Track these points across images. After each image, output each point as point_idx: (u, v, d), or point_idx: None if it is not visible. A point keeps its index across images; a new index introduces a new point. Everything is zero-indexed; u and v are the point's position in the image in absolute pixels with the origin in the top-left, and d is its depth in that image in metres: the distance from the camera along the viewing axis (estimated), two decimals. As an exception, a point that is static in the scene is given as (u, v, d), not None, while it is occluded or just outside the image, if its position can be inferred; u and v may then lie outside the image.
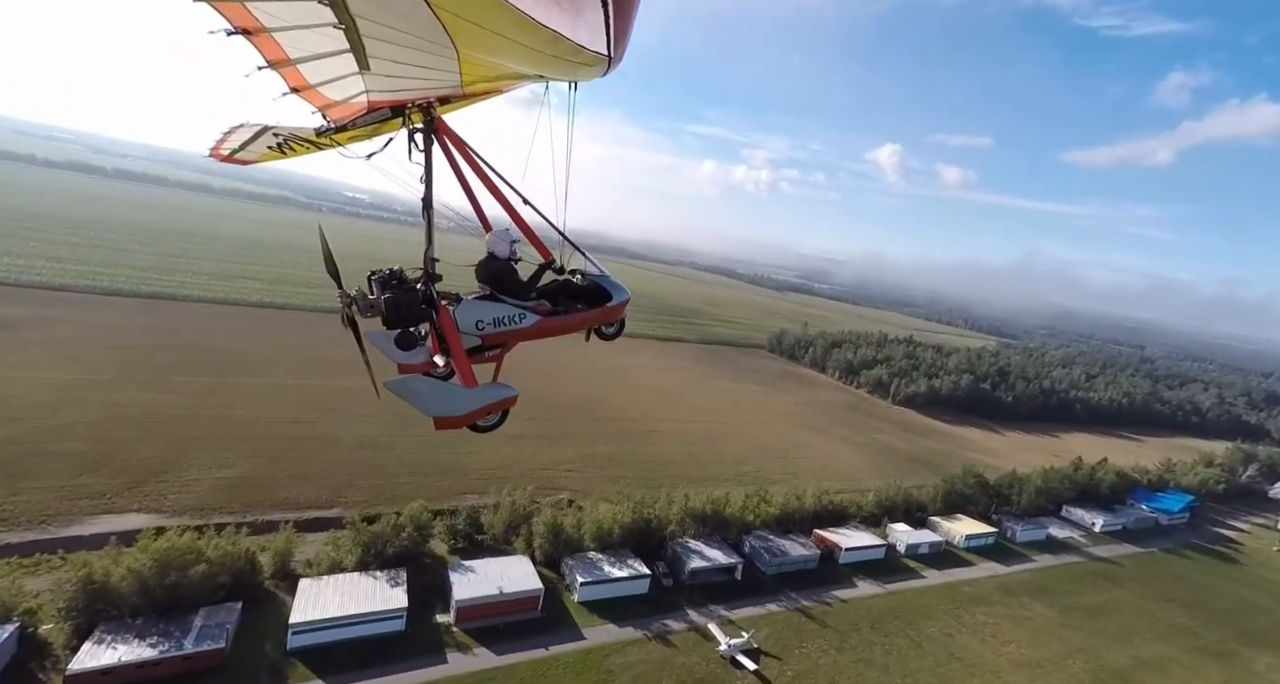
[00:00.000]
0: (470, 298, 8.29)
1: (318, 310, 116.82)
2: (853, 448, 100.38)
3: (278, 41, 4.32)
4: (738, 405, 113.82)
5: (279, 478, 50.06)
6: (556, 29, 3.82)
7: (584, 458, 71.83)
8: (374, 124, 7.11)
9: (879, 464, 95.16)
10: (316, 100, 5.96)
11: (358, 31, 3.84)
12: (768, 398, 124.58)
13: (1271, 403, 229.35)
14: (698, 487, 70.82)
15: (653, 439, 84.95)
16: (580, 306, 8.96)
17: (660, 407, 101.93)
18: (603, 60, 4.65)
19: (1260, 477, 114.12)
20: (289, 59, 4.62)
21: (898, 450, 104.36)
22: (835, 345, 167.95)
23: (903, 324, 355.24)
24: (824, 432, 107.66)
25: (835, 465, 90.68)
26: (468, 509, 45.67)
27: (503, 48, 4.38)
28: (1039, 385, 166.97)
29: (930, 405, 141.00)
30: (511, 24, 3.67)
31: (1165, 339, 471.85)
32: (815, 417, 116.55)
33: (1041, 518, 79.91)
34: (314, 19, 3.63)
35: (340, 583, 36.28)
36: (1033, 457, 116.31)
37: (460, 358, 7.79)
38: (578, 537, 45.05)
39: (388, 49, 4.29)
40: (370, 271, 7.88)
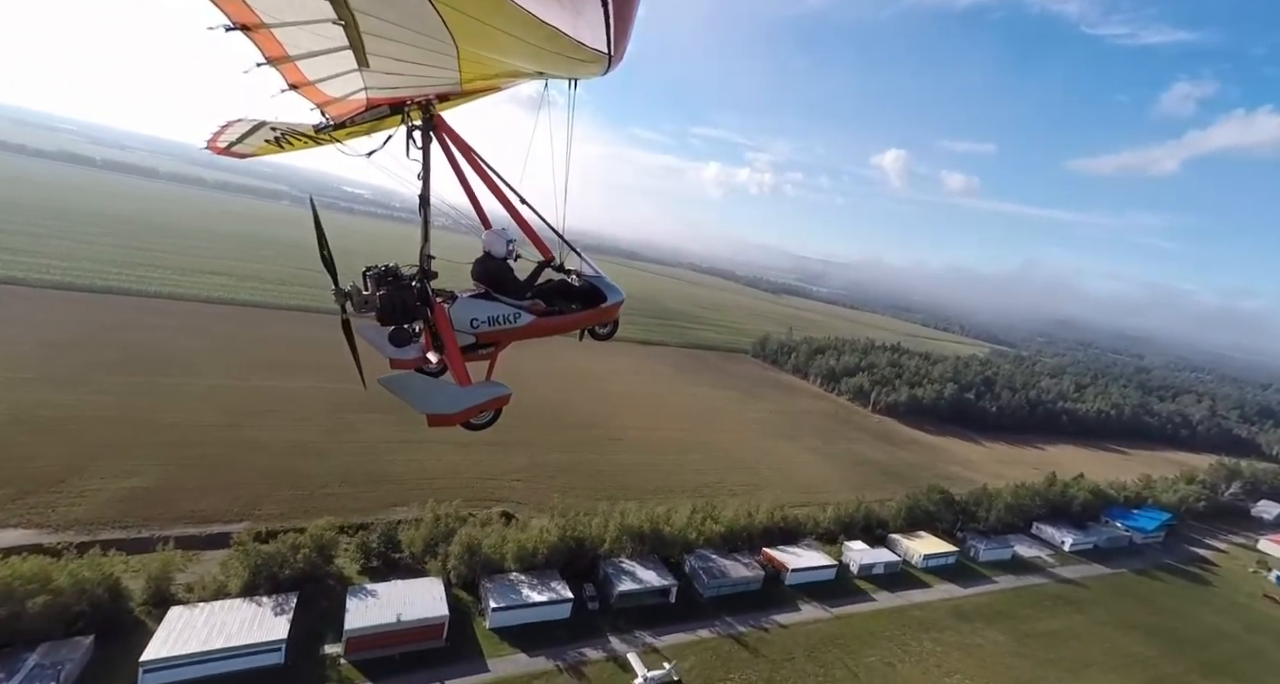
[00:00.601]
0: (466, 296, 8.28)
1: (280, 308, 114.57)
2: (824, 459, 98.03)
3: (277, 38, 4.30)
4: (711, 413, 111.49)
5: (189, 488, 47.62)
6: (557, 25, 3.82)
7: (535, 467, 69.43)
8: (373, 121, 7.07)
9: (849, 476, 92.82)
10: (315, 97, 5.98)
11: (357, 28, 3.87)
12: (743, 405, 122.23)
13: (1264, 416, 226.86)
14: (653, 498, 68.63)
15: (613, 448, 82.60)
16: (575, 307, 9.00)
17: (628, 413, 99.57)
18: (603, 58, 4.62)
19: (1243, 494, 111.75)
20: (288, 55, 4.61)
21: (871, 462, 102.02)
22: (819, 351, 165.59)
23: (898, 329, 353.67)
24: (796, 441, 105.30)
25: (803, 477, 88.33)
26: (383, 525, 43.21)
27: (503, 44, 4.40)
28: (1025, 396, 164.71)
29: (912, 414, 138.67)
30: (512, 20, 3.69)
31: (1166, 348, 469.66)
32: (790, 425, 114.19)
33: (1010, 536, 77.57)
34: (313, 15, 3.69)
35: (217, 611, 33.45)
36: (1011, 470, 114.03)
37: (454, 356, 7.77)
38: (498, 557, 42.58)
39: (387, 46, 4.30)
40: (366, 268, 7.82)
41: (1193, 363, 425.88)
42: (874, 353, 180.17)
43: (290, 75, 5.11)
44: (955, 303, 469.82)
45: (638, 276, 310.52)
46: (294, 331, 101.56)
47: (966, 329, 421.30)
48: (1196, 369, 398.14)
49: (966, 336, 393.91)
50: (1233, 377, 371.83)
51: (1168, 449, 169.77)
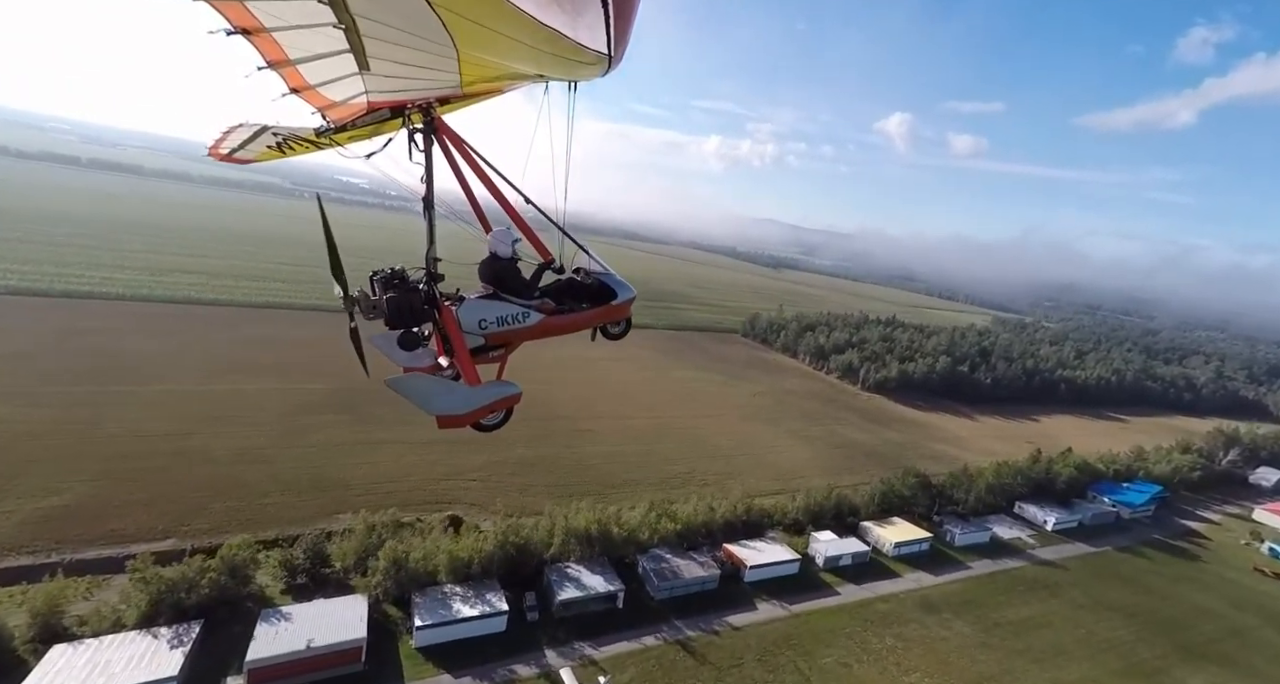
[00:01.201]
0: (473, 297, 8.28)
1: (253, 306, 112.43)
2: (804, 442, 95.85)
3: (277, 41, 4.31)
4: (690, 398, 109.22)
5: (116, 504, 46.19)
6: (557, 28, 3.85)
7: (495, 464, 67.74)
8: (374, 124, 7.06)
9: (830, 460, 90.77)
10: (316, 101, 6.02)
11: (358, 31, 3.90)
12: (726, 388, 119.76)
13: (1273, 376, 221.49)
14: (617, 493, 67.09)
15: (583, 440, 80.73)
16: (585, 305, 8.96)
17: (604, 402, 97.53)
18: (603, 59, 4.66)
19: (1241, 461, 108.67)
20: (289, 59, 4.63)
21: (855, 443, 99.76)
22: (808, 328, 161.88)
23: (899, 301, 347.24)
24: (777, 424, 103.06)
25: (780, 463, 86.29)
26: (311, 538, 41.60)
27: (503, 47, 4.44)
28: (1021, 365, 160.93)
29: (903, 390, 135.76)
30: (512, 22, 3.71)
31: (1177, 309, 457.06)
32: (773, 408, 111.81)
33: (991, 517, 75.54)
34: (314, 19, 3.68)
35: (104, 647, 31.43)
36: (1002, 445, 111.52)
37: (463, 357, 7.80)
38: (429, 570, 40.93)
39: (388, 49, 4.34)
40: (372, 271, 7.86)
41: (1206, 322, 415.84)
42: (867, 327, 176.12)
43: (291, 79, 5.15)
44: (958, 271, 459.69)
45: (632, 257, 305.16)
46: (265, 331, 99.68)
47: (971, 298, 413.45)
48: (1211, 328, 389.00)
49: (971, 305, 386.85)
50: (1246, 335, 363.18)
51: (1171, 414, 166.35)
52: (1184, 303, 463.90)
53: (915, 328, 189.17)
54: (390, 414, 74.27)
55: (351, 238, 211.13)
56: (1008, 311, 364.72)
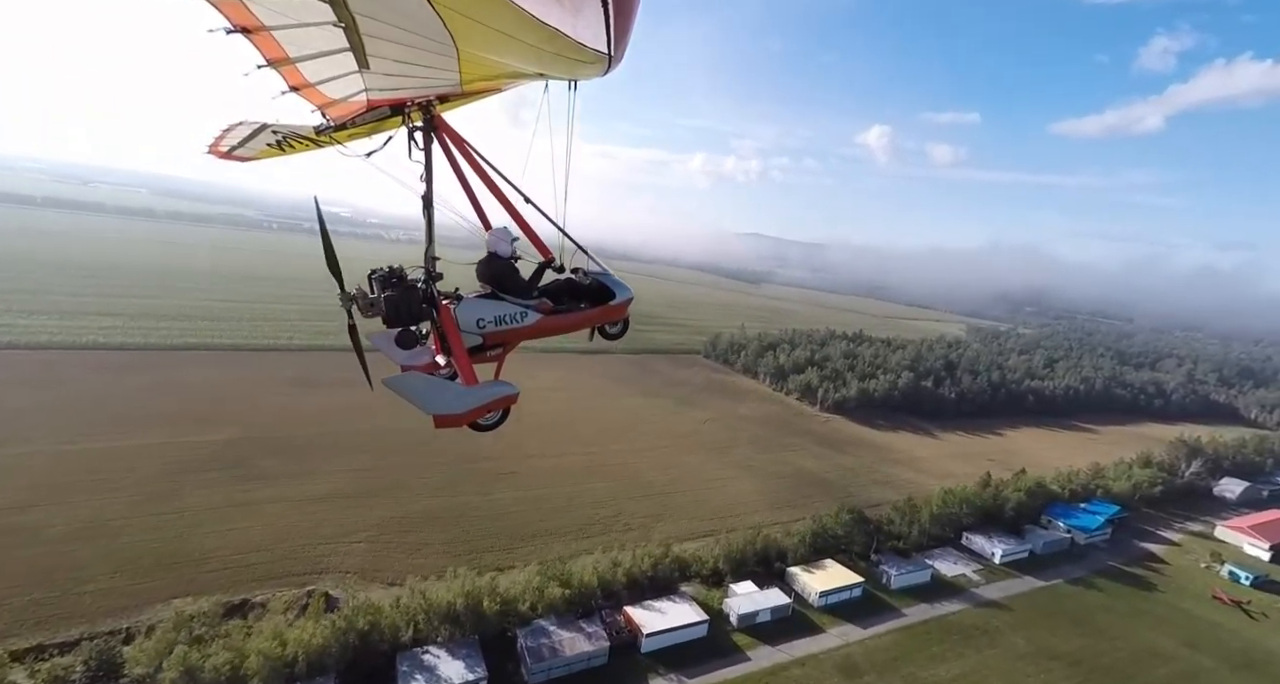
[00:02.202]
0: (471, 296, 8.34)
1: (170, 349, 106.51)
2: (749, 473, 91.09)
3: (277, 40, 4.33)
4: (634, 428, 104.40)
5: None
6: (557, 26, 3.85)
7: (393, 520, 62.20)
8: (374, 122, 7.09)
9: (775, 492, 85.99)
10: (316, 99, 6.05)
11: (358, 29, 3.91)
12: (676, 415, 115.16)
13: (1244, 377, 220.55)
14: (525, 547, 61.80)
15: (502, 484, 75.44)
16: (583, 305, 9.00)
17: (536, 438, 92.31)
18: (603, 58, 4.67)
19: (1204, 472, 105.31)
20: (288, 57, 4.64)
21: (804, 472, 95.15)
22: (769, 348, 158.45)
23: (876, 312, 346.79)
24: (725, 454, 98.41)
25: (718, 499, 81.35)
26: (97, 643, 35.81)
27: (503, 45, 4.44)
28: (987, 378, 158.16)
29: (863, 409, 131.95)
30: (512, 21, 3.71)
31: (1155, 309, 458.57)
32: (722, 435, 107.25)
33: (936, 551, 70.97)
34: (314, 17, 3.70)
35: None
36: (962, 465, 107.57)
37: (461, 356, 7.84)
38: (238, 676, 35.30)
39: (388, 47, 4.35)
40: (370, 270, 7.82)
41: (1184, 322, 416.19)
42: (832, 343, 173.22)
43: (291, 77, 5.16)
44: (935, 280, 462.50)
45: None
46: (175, 375, 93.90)
47: (950, 306, 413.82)
48: (1189, 327, 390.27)
49: (950, 313, 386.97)
50: (1223, 333, 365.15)
51: (1141, 422, 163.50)
52: (1160, 304, 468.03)
53: (882, 342, 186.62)
54: (282, 468, 68.85)
55: (312, 269, 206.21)
56: (985, 318, 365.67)
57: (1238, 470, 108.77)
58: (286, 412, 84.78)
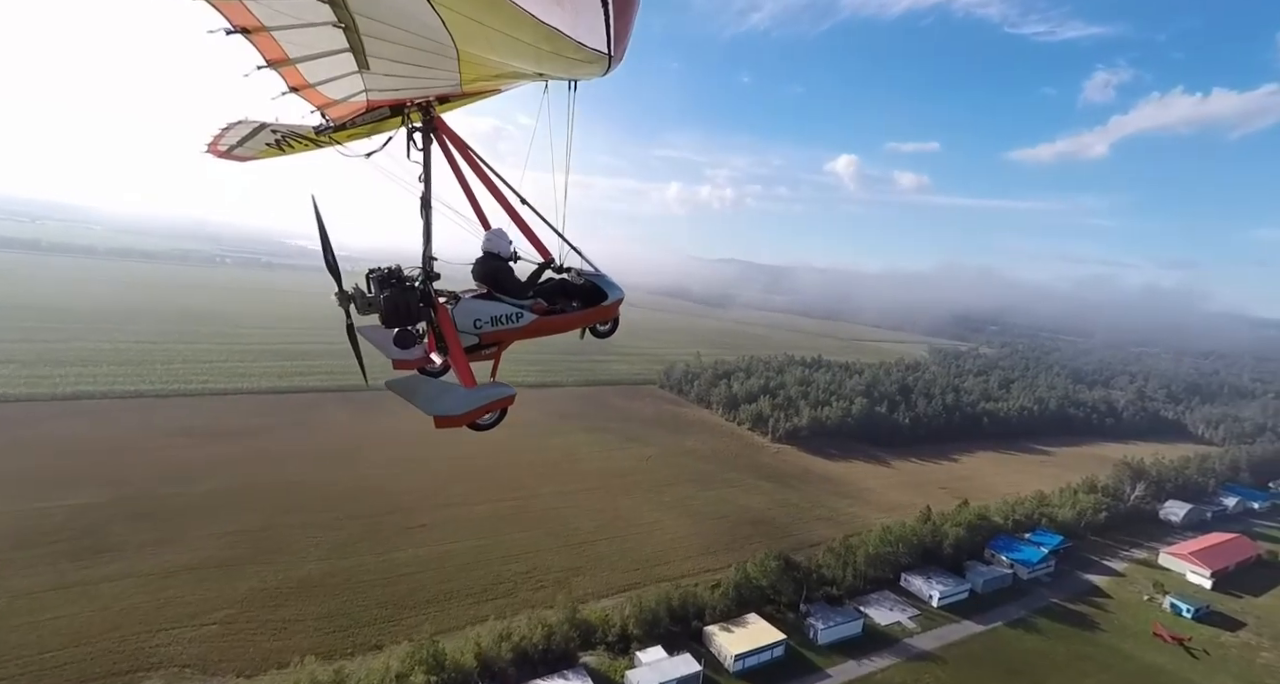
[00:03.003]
0: (468, 296, 8.40)
1: (55, 399, 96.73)
2: (687, 515, 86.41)
3: (277, 40, 4.35)
4: (571, 468, 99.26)
5: None
6: (556, 26, 3.86)
7: (262, 594, 55.38)
8: (373, 123, 7.16)
9: (711, 535, 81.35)
10: (316, 99, 6.06)
11: (358, 30, 3.93)
12: (618, 451, 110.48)
13: (1192, 393, 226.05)
14: (416, 615, 55.79)
15: (406, 540, 69.28)
16: (575, 305, 9.15)
17: (458, 485, 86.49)
18: (603, 58, 4.68)
19: (1148, 496, 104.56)
20: (288, 58, 4.66)
21: (745, 510, 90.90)
22: (723, 376, 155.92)
23: (844, 334, 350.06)
24: (663, 493, 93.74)
25: (647, 546, 76.33)
26: None
27: (502, 45, 4.45)
28: (942, 402, 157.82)
29: (816, 439, 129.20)
30: (512, 21, 3.73)
31: (1114, 324, 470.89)
32: (663, 472, 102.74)
33: (871, 596, 66.98)
34: (314, 18, 3.72)
35: None
36: (912, 495, 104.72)
37: (459, 357, 7.85)
38: None
39: (387, 48, 4.37)
40: (369, 270, 7.89)
41: (1138, 338, 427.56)
42: (789, 370, 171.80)
43: (290, 78, 5.19)
44: (900, 301, 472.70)
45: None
46: (48, 429, 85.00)
47: (914, 327, 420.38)
48: (1142, 344, 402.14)
49: (915, 334, 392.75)
50: (1177, 347, 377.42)
51: (1094, 441, 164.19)
52: (1115, 321, 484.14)
53: (840, 366, 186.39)
54: (140, 536, 61.38)
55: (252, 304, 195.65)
56: (948, 338, 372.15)
57: (1181, 492, 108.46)
58: (170, 466, 77.47)
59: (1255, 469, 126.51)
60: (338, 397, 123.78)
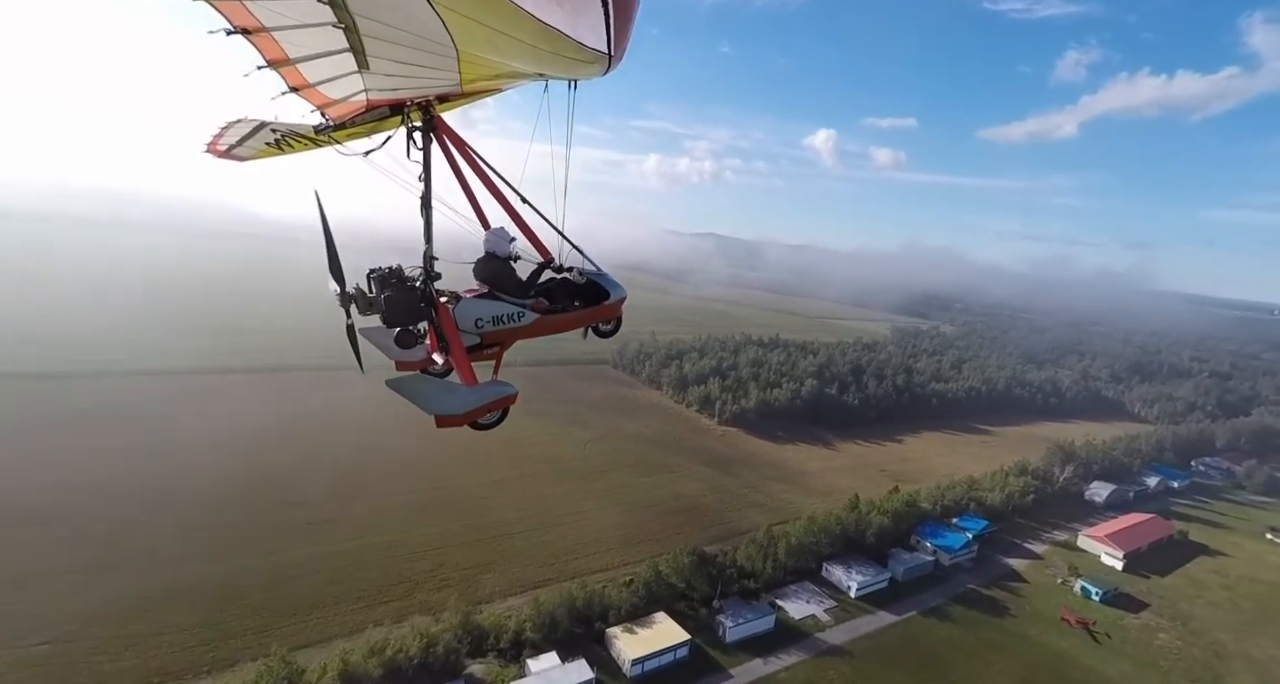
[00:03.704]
0: (469, 296, 8.44)
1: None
2: (617, 503, 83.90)
3: (277, 41, 4.37)
4: (503, 455, 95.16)
5: None
6: (557, 26, 3.87)
7: (112, 606, 50.01)
8: (373, 122, 7.22)
9: (639, 524, 79.16)
10: (315, 99, 6.15)
11: (358, 31, 3.95)
12: (558, 436, 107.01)
13: (1133, 373, 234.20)
14: (297, 623, 51.78)
15: (306, 537, 64.70)
16: (578, 304, 9.24)
17: (377, 474, 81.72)
18: (603, 58, 4.71)
19: (1076, 477, 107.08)
20: (288, 58, 4.69)
21: (679, 498, 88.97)
22: (676, 356, 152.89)
23: (810, 311, 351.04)
24: (597, 480, 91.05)
25: (571, 537, 73.62)
26: None
27: (503, 45, 4.47)
28: (892, 383, 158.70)
29: (764, 421, 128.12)
30: (512, 21, 3.75)
31: (1072, 303, 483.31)
32: (602, 458, 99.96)
33: (790, 589, 66.04)
34: (314, 18, 3.73)
35: None
36: (850, 479, 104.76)
37: (460, 356, 7.90)
38: None
39: (387, 48, 4.39)
40: (369, 270, 7.89)
41: (1094, 317, 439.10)
42: (744, 350, 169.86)
43: (291, 78, 5.24)
44: (868, 279, 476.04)
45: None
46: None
47: (884, 305, 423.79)
48: (1097, 322, 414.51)
49: (883, 312, 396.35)
50: (1126, 327, 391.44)
51: (1037, 421, 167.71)
52: (1073, 300, 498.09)
53: (797, 346, 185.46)
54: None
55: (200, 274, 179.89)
56: (914, 317, 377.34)
57: (1108, 473, 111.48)
58: (41, 459, 70.37)
59: (1179, 448, 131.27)
60: (269, 377, 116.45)
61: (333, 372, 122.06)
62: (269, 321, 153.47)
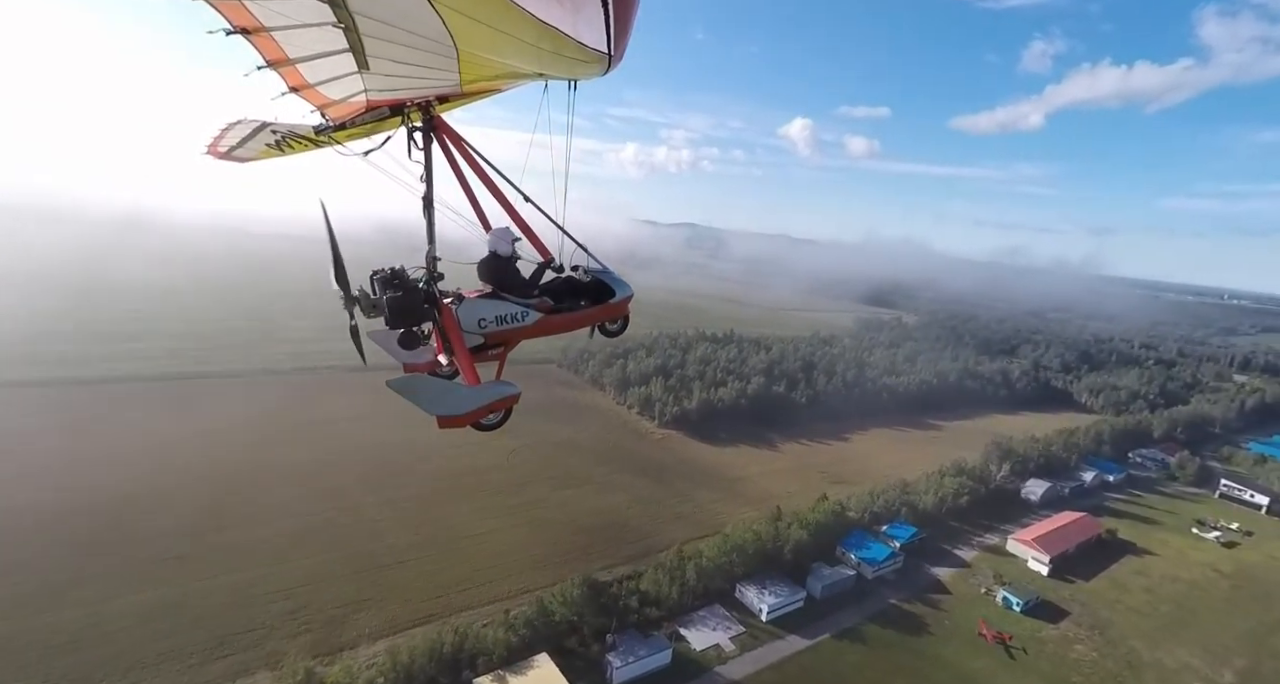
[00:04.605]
0: (473, 296, 8.46)
1: None
2: (528, 522, 78.26)
3: (277, 41, 4.36)
4: (414, 469, 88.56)
5: None
6: (556, 26, 3.88)
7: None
8: (373, 123, 7.20)
9: (552, 543, 73.76)
10: (315, 99, 6.15)
11: (357, 30, 3.95)
12: (482, 446, 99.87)
13: (1083, 362, 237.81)
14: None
15: (142, 580, 57.14)
16: (583, 303, 9.20)
17: (254, 498, 74.15)
18: (603, 58, 4.71)
19: (1014, 475, 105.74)
20: (288, 58, 4.69)
21: (600, 512, 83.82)
22: (621, 355, 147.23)
23: (774, 303, 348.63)
24: (513, 496, 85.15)
25: (469, 563, 67.73)
26: None
27: (503, 45, 4.47)
28: (843, 379, 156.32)
29: (707, 423, 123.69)
30: (512, 21, 3.76)
31: (1034, 291, 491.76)
32: (524, 469, 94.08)
33: (698, 614, 61.65)
34: (314, 18, 3.74)
35: None
36: (788, 483, 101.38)
37: (463, 356, 7.92)
38: None
39: (387, 48, 4.39)
40: (372, 271, 7.92)
41: (1058, 304, 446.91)
42: (696, 346, 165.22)
43: (291, 78, 5.24)
44: (832, 270, 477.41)
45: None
46: None
47: (848, 295, 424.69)
48: (1059, 309, 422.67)
49: (847, 303, 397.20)
50: (1085, 313, 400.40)
51: (987, 413, 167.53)
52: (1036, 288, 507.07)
53: (751, 342, 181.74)
54: None
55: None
56: (880, 307, 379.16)
57: (1045, 470, 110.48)
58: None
59: (1117, 441, 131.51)
60: (160, 387, 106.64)
61: (230, 379, 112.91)
62: (153, 324, 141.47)
